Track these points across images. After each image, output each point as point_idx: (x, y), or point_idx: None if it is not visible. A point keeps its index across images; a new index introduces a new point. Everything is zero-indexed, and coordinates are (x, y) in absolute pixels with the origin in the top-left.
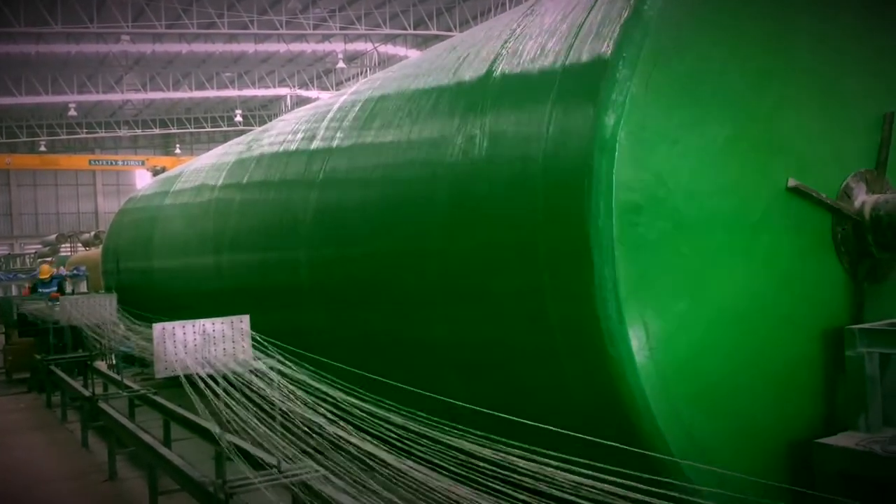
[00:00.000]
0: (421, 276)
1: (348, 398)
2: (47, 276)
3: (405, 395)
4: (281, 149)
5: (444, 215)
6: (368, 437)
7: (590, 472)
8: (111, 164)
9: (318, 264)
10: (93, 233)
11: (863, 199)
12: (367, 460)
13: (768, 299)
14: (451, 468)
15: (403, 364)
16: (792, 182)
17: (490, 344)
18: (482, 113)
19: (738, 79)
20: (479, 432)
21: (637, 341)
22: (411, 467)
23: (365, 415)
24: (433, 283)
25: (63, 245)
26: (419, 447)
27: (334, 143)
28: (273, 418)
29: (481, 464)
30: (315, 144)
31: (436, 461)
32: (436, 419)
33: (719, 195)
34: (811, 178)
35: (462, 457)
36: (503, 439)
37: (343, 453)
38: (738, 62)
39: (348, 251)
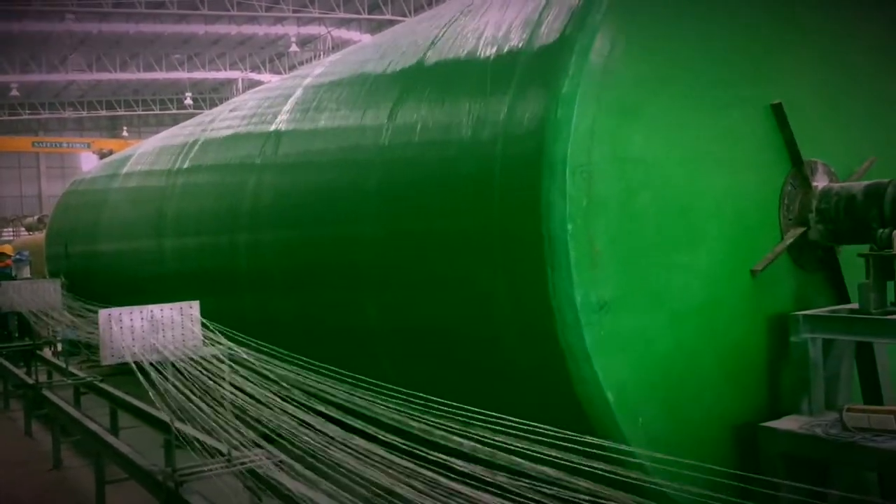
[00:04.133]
0: (353, 261)
1: (295, 385)
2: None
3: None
4: (226, 133)
5: (375, 201)
6: (316, 425)
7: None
8: (55, 146)
9: (254, 249)
10: (36, 217)
11: (822, 181)
12: (318, 445)
13: (705, 182)
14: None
15: (341, 348)
16: (777, 101)
17: (432, 330)
18: (420, 98)
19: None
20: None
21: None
22: (358, 451)
23: (311, 400)
24: (366, 269)
25: (5, 229)
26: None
27: (272, 128)
28: (223, 406)
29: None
30: (257, 129)
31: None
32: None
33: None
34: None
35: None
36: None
37: (294, 440)
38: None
39: (281, 236)
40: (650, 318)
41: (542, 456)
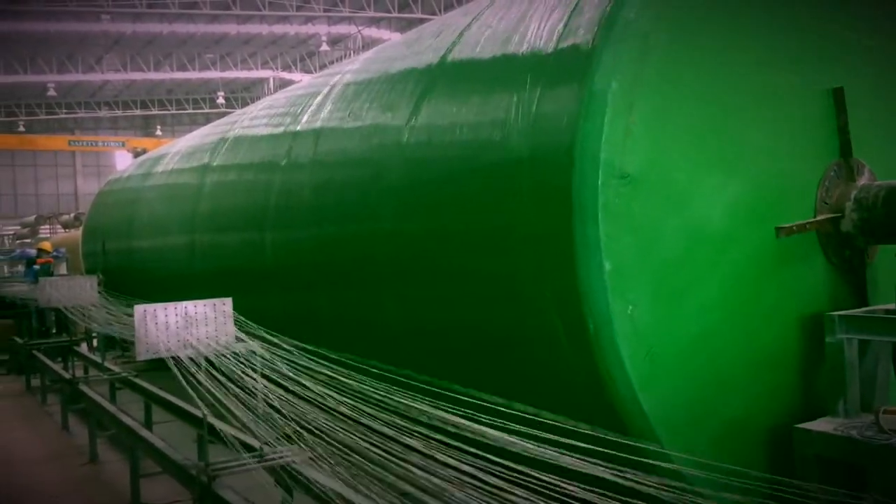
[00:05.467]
0: (373, 257)
1: (327, 380)
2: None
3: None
4: (255, 132)
5: (397, 197)
6: (351, 422)
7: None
8: (91, 144)
9: (279, 246)
10: (73, 214)
11: (865, 180)
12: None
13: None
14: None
15: (360, 344)
16: (836, 86)
17: (459, 325)
18: (437, 95)
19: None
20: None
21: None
22: (393, 449)
23: (346, 397)
24: (383, 266)
25: (42, 226)
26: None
27: (298, 127)
28: (256, 401)
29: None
30: (284, 128)
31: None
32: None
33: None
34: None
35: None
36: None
37: (326, 436)
38: None
39: (303, 233)
40: (665, 218)
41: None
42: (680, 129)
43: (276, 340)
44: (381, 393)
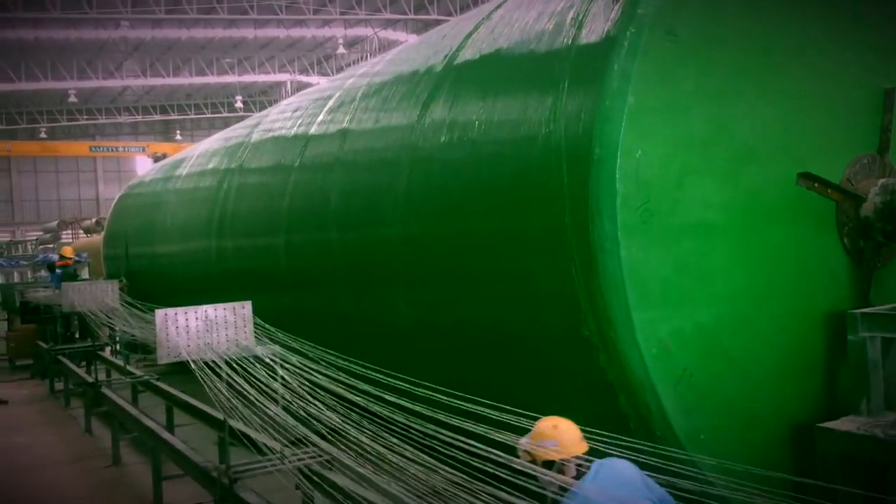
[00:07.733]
0: (383, 260)
1: (347, 384)
2: (71, 255)
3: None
4: (270, 136)
5: (405, 202)
6: (372, 425)
7: None
8: (112, 150)
9: (292, 248)
10: (94, 219)
11: None
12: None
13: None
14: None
15: (375, 346)
16: (891, 87)
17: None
18: (448, 96)
19: None
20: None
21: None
22: (413, 453)
23: (365, 401)
24: (394, 268)
25: (64, 232)
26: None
27: (311, 130)
28: (276, 403)
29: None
30: (297, 131)
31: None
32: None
33: None
34: None
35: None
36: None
37: (345, 438)
38: None
39: (315, 236)
40: (698, 97)
41: None
42: (724, 40)
43: (294, 344)
44: (399, 394)
